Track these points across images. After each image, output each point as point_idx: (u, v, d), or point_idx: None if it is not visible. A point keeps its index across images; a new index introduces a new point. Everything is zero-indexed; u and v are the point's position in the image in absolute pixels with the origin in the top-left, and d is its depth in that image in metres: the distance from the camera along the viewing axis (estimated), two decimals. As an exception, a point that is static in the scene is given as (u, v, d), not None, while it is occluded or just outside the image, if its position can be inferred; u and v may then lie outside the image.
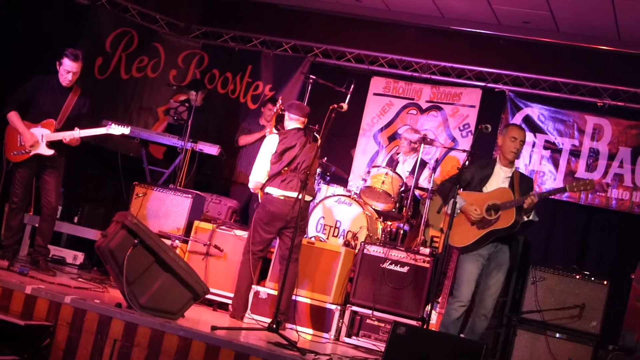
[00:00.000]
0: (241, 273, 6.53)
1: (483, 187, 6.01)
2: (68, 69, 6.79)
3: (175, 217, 7.47)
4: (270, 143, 6.60)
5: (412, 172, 7.91)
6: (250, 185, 6.72)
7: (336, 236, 7.55)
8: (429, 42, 9.45)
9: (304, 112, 6.68)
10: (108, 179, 8.98)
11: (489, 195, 5.93)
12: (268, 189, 6.52)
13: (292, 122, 6.67)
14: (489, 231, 5.87)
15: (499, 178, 6.02)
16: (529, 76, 8.88)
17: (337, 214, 7.61)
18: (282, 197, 6.44)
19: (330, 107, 6.08)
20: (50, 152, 6.80)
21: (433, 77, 9.23)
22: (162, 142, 8.52)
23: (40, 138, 6.78)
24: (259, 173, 6.61)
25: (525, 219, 5.87)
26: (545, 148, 8.66)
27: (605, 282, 6.63)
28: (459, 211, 5.94)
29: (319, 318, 6.70)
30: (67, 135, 6.77)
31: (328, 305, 6.71)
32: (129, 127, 7.02)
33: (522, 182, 6.02)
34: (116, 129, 6.92)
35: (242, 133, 8.88)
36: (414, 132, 8.23)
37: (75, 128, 6.79)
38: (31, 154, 6.79)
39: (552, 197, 8.36)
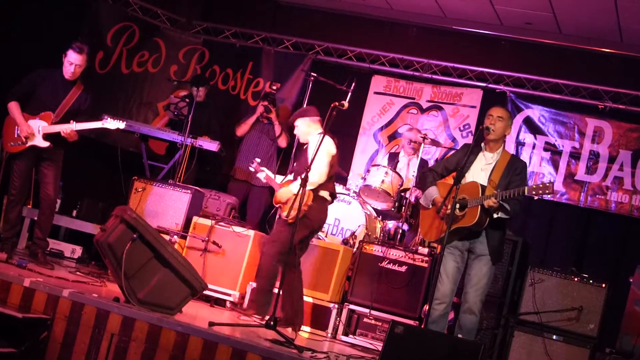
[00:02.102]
0: (269, 273, 6.28)
1: (464, 174, 5.78)
2: (71, 61, 6.80)
3: (174, 212, 7.45)
4: (331, 144, 6.32)
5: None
6: (313, 186, 6.17)
7: (335, 234, 7.54)
8: (430, 42, 9.44)
9: (317, 111, 6.57)
10: (107, 173, 8.95)
11: (461, 188, 5.66)
12: (323, 193, 6.30)
13: (317, 124, 6.50)
14: (454, 228, 5.65)
15: (480, 165, 5.82)
16: (531, 77, 8.87)
17: (336, 212, 7.60)
18: (331, 201, 6.36)
19: (332, 105, 6.06)
20: (45, 144, 6.79)
21: (434, 76, 9.23)
22: (161, 137, 8.49)
23: (36, 130, 6.78)
24: (324, 173, 6.26)
25: (495, 216, 5.66)
26: (545, 150, 8.66)
27: (603, 285, 6.61)
28: (431, 203, 5.89)
29: (317, 316, 6.70)
30: (64, 128, 6.76)
31: (326, 304, 6.70)
32: (124, 122, 7.03)
33: (510, 167, 5.75)
34: (111, 123, 6.92)
35: (238, 124, 8.88)
36: (415, 132, 8.22)
37: (72, 121, 6.78)
38: (27, 145, 6.79)
39: (551, 198, 8.42)
